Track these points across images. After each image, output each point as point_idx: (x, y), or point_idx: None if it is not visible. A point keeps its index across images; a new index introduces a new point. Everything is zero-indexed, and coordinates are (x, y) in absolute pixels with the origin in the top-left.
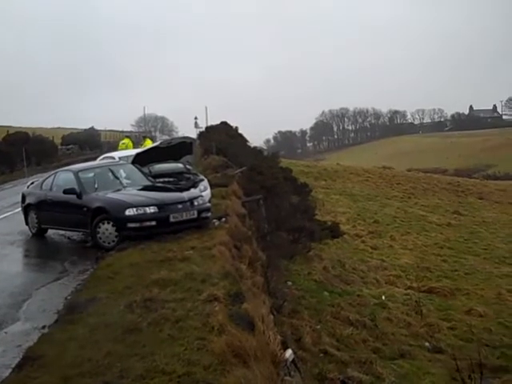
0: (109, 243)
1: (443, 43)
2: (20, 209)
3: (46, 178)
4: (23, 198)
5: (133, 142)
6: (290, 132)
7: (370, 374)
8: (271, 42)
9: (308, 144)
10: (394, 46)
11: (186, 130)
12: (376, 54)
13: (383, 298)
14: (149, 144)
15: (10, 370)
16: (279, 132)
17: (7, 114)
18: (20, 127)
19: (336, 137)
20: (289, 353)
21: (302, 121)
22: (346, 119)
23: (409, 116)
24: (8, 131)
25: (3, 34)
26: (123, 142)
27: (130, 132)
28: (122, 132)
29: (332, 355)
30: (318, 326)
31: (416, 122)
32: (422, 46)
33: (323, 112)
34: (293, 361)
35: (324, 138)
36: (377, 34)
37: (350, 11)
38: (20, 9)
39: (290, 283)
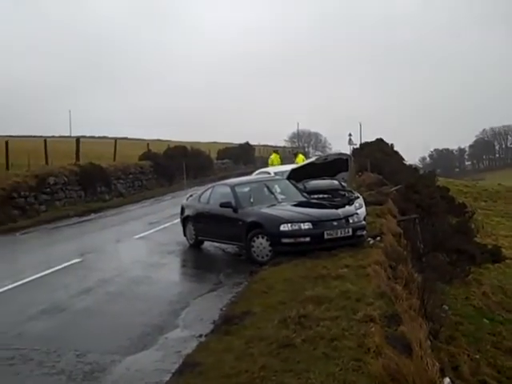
0: (262, 257)
1: None
2: (178, 220)
3: (204, 191)
4: (182, 209)
5: (281, 158)
6: (447, 150)
7: None
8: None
9: (466, 163)
10: None
11: (340, 146)
12: None
13: None
14: (301, 160)
15: (170, 375)
16: (435, 150)
17: (168, 129)
18: (179, 141)
19: (497, 155)
20: (447, 381)
21: (460, 138)
22: (509, 137)
23: None
24: (169, 145)
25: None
26: (271, 157)
27: (283, 147)
28: (275, 147)
29: None
30: (477, 355)
31: None
32: None
33: (484, 130)
34: None
35: (484, 156)
36: None
37: None
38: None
39: (446, 307)
